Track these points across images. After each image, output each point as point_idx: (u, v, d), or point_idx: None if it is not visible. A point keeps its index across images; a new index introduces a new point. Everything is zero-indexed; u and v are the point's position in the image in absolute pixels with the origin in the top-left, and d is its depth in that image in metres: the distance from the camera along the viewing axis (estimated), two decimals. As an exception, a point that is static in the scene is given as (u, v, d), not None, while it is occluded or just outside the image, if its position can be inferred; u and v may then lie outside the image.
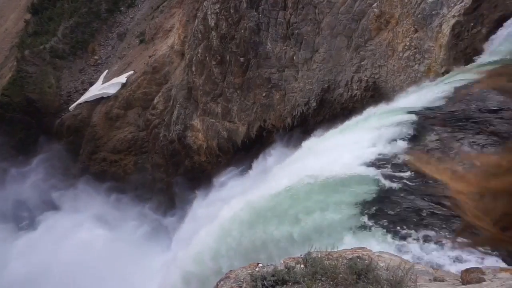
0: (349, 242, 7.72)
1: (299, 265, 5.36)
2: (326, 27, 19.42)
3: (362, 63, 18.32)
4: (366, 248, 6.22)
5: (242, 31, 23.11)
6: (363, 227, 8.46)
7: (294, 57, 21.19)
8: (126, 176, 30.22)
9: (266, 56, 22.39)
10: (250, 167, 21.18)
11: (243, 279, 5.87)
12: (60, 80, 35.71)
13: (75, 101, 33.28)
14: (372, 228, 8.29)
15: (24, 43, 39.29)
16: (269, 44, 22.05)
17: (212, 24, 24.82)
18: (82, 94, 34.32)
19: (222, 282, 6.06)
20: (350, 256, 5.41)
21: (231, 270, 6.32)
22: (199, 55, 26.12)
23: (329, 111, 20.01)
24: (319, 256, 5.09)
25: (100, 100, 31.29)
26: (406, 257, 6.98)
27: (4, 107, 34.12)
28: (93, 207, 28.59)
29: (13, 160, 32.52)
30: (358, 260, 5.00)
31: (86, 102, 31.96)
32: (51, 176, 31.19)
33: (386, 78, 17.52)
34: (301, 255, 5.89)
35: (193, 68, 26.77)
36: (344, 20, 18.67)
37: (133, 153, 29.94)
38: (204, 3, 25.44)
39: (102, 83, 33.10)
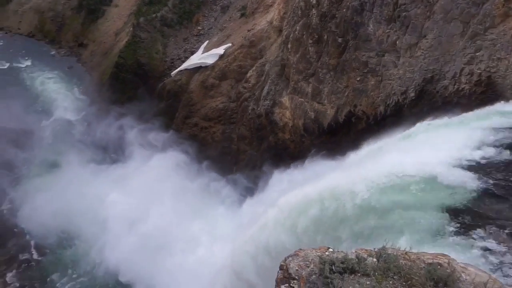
0: (429, 247, 7.23)
1: (371, 258, 5.23)
2: (440, 11, 17.56)
3: (477, 54, 16.26)
4: (449, 256, 5.78)
5: (344, 10, 22.16)
6: (449, 233, 7.81)
7: (397, 42, 19.72)
8: (213, 143, 32.08)
9: (366, 38, 21.24)
10: (342, 154, 20.53)
11: (311, 259, 5.94)
12: (166, 47, 38.73)
13: (177, 68, 35.91)
14: (460, 237, 7.62)
15: (140, 11, 43.23)
16: (371, 25, 20.81)
17: (314, 1, 24.23)
18: (183, 61, 36.85)
19: (290, 258, 6.22)
20: (429, 261, 5.10)
21: (300, 249, 6.43)
22: (296, 32, 25.88)
23: (429, 103, 18.34)
24: (394, 253, 4.90)
25: (198, 68, 33.25)
26: (496, 275, 6.31)
27: (119, 67, 38.47)
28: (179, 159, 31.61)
29: (122, 112, 37.07)
30: (439, 267, 4.69)
31: (186, 69, 34.26)
32: (150, 129, 34.75)
33: (504, 74, 15.35)
34: (374, 248, 5.72)
35: (289, 45, 26.69)
36: (462, 4, 16.64)
37: (222, 122, 31.52)
38: (307, -21, 24.85)
39: (202, 53, 35.01)
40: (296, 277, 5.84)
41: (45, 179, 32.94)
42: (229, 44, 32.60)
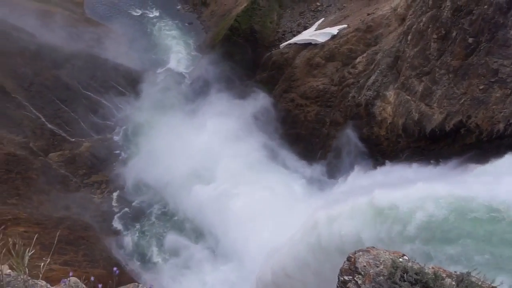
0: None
1: (449, 280, 4.90)
2: None
3: None
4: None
5: (485, 6, 19.56)
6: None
7: (544, 54, 16.93)
8: (305, 122, 32.01)
9: (504, 43, 18.62)
10: (439, 164, 19.06)
11: (382, 260, 5.79)
12: (281, 18, 38.89)
13: (287, 41, 35.99)
14: None
15: (264, -22, 43.77)
16: (515, 29, 18.13)
17: (451, -8, 21.80)
18: (294, 35, 36.73)
19: (360, 253, 6.13)
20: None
21: (373, 247, 6.28)
22: (421, 24, 23.76)
23: None
24: (479, 284, 4.49)
25: (307, 45, 32.89)
26: None
27: (233, 31, 40.03)
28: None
29: (226, 73, 39.17)
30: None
31: (295, 44, 34.17)
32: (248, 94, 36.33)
33: None
34: (455, 271, 5.34)
35: (409, 37, 24.72)
36: None
37: (318, 103, 31.11)
38: (451, -33, 22.29)
39: (315, 30, 34.41)
40: (362, 273, 5.76)
41: (148, 122, 36.83)
42: (345, 26, 31.40)
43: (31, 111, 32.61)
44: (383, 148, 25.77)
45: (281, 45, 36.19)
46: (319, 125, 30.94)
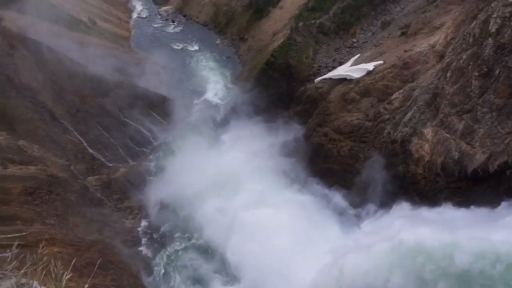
0: None
1: None
2: None
3: None
4: None
5: (531, 45, 18.87)
6: None
7: None
8: (338, 157, 31.49)
9: (552, 82, 17.71)
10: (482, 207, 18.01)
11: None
12: (317, 54, 39.48)
13: (322, 76, 36.30)
14: None
15: (301, 16, 45.08)
16: None
17: (493, 30, 21.30)
18: (329, 70, 37.02)
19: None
20: None
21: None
22: (461, 61, 23.22)
23: None
24: None
25: (342, 80, 32.94)
26: None
27: (269, 65, 41.04)
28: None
29: (260, 106, 39.86)
30: None
31: (330, 79, 34.35)
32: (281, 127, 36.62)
33: None
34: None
35: (448, 74, 24.15)
36: None
37: (352, 139, 30.64)
38: (493, 4, 21.94)
39: (350, 66, 34.54)
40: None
41: (181, 151, 37.74)
42: (381, 62, 31.30)
43: (75, 136, 34.47)
44: (420, 187, 24.65)
45: (316, 79, 36.50)
46: (353, 161, 30.30)
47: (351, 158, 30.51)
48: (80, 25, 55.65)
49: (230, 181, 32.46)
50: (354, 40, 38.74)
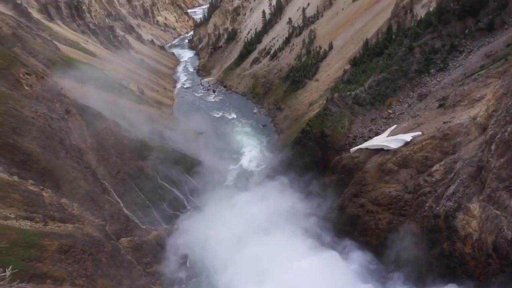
0: None
1: None
2: None
3: None
4: None
5: None
6: None
7: None
8: (376, 231, 29.83)
9: None
10: None
11: None
12: (352, 124, 39.71)
13: (357, 145, 36.05)
14: None
15: (336, 87, 46.48)
16: None
17: (538, 104, 20.63)
18: (365, 140, 36.80)
19: None
20: None
21: None
22: (506, 134, 22.31)
23: None
24: None
25: (379, 151, 32.44)
26: None
27: (304, 134, 41.62)
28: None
29: (295, 174, 39.66)
30: None
31: (366, 149, 33.97)
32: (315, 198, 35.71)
33: None
34: None
35: (493, 147, 23.13)
36: None
37: (391, 211, 29.18)
38: (535, 79, 21.54)
39: (387, 136, 34.20)
40: None
41: (214, 218, 37.50)
42: (419, 133, 30.81)
43: (113, 197, 35.50)
44: (470, 269, 22.36)
45: (351, 149, 36.23)
46: (392, 235, 28.49)
47: (390, 232, 28.75)
48: (130, 94, 60.57)
49: (264, 253, 31.30)
50: (390, 111, 38.83)
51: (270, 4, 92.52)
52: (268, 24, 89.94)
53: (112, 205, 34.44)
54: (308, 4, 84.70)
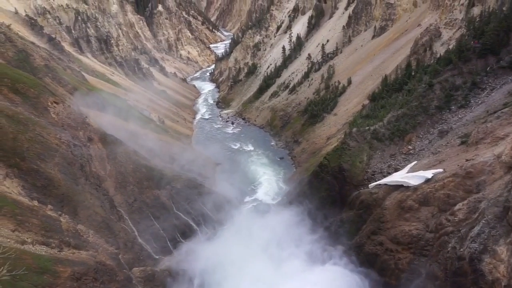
0: None
1: None
2: None
3: None
4: None
5: None
6: None
7: None
8: (396, 271, 28.50)
9: None
10: None
11: None
12: (371, 159, 39.14)
13: (376, 181, 35.30)
14: None
15: (355, 122, 46.32)
16: None
17: None
18: (384, 176, 36.05)
19: None
20: None
21: None
22: (533, 174, 21.47)
23: None
24: None
25: (399, 187, 31.64)
26: None
27: (322, 167, 41.18)
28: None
29: (311, 209, 38.85)
30: None
31: (385, 184, 33.20)
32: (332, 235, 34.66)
33: None
34: None
35: (519, 187, 22.22)
36: None
37: (411, 251, 27.96)
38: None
39: (407, 172, 33.43)
40: None
41: (231, 244, 36.85)
42: (440, 170, 30.01)
43: (128, 225, 35.51)
44: (499, 318, 20.86)
45: (370, 185, 35.50)
46: (413, 276, 27.13)
47: (411, 273, 27.40)
48: (151, 124, 62.07)
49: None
50: (410, 147, 38.20)
51: (290, 40, 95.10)
52: (287, 59, 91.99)
53: (127, 233, 34.38)
54: (328, 41, 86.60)
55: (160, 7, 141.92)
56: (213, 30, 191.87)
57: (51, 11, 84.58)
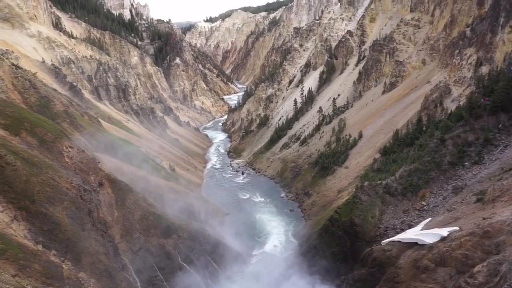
0: None
1: None
2: None
3: None
4: None
5: None
6: None
7: None
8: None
9: None
10: None
11: None
12: (383, 214, 38.02)
13: (389, 237, 33.96)
14: None
15: (366, 176, 45.72)
16: None
17: None
18: (398, 233, 34.73)
19: None
20: None
21: None
22: (556, 236, 20.40)
23: None
24: None
25: (413, 244, 30.31)
26: None
27: (332, 222, 40.03)
28: None
29: (321, 266, 37.08)
30: None
31: (399, 241, 31.86)
32: None
33: None
34: None
35: (542, 249, 21.03)
36: None
37: (429, 316, 26.06)
38: None
39: (421, 229, 32.20)
40: None
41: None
42: (456, 228, 28.82)
43: (131, 275, 34.32)
44: None
45: (383, 241, 34.10)
46: None
47: None
48: (161, 171, 62.39)
49: None
50: (424, 203, 37.17)
51: (302, 93, 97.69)
52: (299, 112, 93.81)
53: (129, 283, 33.13)
54: (339, 95, 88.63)
55: (177, 60, 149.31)
56: (227, 82, 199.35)
57: (75, 61, 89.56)
